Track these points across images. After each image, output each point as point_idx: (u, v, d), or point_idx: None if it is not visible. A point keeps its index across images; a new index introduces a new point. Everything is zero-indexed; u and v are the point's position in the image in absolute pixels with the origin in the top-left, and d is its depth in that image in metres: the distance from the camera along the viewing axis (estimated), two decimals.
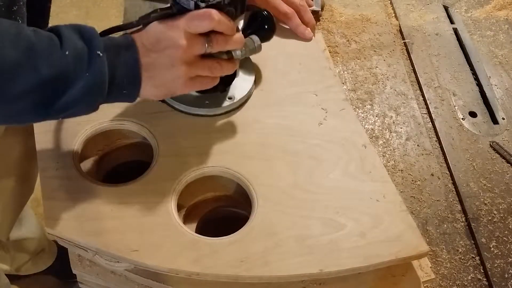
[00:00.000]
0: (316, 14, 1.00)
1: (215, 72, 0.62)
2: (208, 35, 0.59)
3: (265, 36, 0.71)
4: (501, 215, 0.77)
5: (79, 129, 0.69)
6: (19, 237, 1.22)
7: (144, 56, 0.56)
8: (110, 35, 0.58)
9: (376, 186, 0.66)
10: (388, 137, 0.86)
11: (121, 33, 0.60)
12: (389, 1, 1.11)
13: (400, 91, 0.93)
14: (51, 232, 0.60)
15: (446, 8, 1.11)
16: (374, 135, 0.86)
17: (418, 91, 0.94)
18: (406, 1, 1.11)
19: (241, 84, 0.74)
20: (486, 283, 0.71)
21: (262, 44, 0.68)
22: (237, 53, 0.64)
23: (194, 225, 0.72)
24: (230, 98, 0.72)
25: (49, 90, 0.51)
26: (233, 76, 0.73)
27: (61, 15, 2.16)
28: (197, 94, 0.72)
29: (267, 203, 0.63)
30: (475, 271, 0.72)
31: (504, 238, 0.75)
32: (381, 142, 0.85)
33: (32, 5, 0.65)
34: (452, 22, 1.08)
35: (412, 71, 0.98)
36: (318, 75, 0.79)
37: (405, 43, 1.02)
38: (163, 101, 0.72)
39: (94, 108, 0.57)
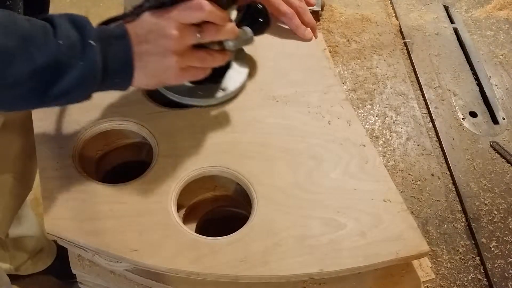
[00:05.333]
0: (316, 14, 1.00)
1: (207, 63, 0.62)
2: (199, 25, 0.59)
3: (259, 29, 0.71)
4: (502, 215, 0.77)
5: (79, 129, 0.69)
6: (18, 235, 1.22)
7: (137, 45, 0.57)
8: (104, 26, 0.59)
9: (377, 186, 0.66)
10: (388, 137, 0.86)
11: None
12: (389, 1, 1.11)
13: (400, 91, 0.93)
14: (51, 232, 0.60)
15: (446, 8, 1.11)
16: (374, 135, 0.86)
17: (418, 91, 0.94)
18: (406, 1, 1.11)
19: (235, 76, 0.74)
20: (486, 283, 0.71)
21: (256, 37, 0.68)
22: (229, 44, 0.64)
23: (194, 225, 0.72)
24: (223, 90, 0.73)
25: (44, 78, 0.52)
26: (226, 68, 0.74)
27: None
28: (190, 85, 0.72)
29: (267, 202, 0.63)
30: (475, 271, 0.72)
31: (505, 238, 0.75)
32: (381, 142, 0.85)
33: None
34: (452, 22, 1.08)
35: (412, 71, 0.98)
36: (318, 75, 0.79)
37: (405, 43, 1.02)
38: (156, 95, 0.72)
39: (88, 97, 0.58)
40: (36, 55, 0.51)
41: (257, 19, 0.71)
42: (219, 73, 0.72)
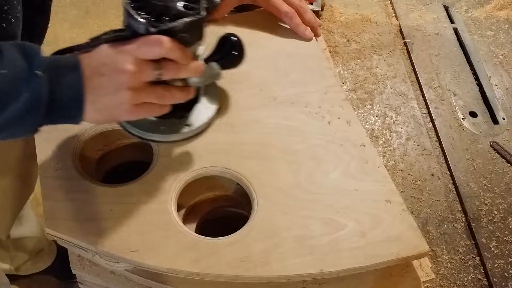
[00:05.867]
0: (316, 14, 1.00)
1: (164, 100, 0.58)
2: (159, 61, 0.55)
3: (233, 62, 0.67)
4: (502, 215, 0.77)
5: (79, 129, 0.69)
6: (19, 235, 1.22)
7: (89, 78, 0.53)
8: (57, 55, 0.55)
9: (377, 186, 0.66)
10: (388, 137, 0.86)
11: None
12: (389, 1, 1.11)
13: (400, 91, 0.93)
14: (51, 232, 0.60)
15: (446, 8, 1.11)
16: (374, 135, 0.86)
17: (418, 91, 0.94)
18: (406, 1, 1.11)
19: (202, 111, 0.69)
20: (486, 283, 0.71)
21: (230, 70, 0.65)
22: (193, 81, 0.61)
23: (194, 225, 0.71)
24: (188, 125, 0.67)
25: None
26: (193, 102, 0.68)
27: (61, 15, 2.16)
28: (153, 118, 0.66)
29: (267, 203, 0.63)
30: (475, 271, 0.72)
31: (505, 238, 0.75)
32: (381, 142, 0.85)
33: (31, 2, 0.64)
34: (452, 22, 1.08)
35: (412, 71, 0.98)
36: (318, 75, 0.78)
37: (405, 43, 1.02)
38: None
39: (34, 130, 0.53)
40: None
41: (231, 52, 0.66)
42: (185, 108, 0.67)
